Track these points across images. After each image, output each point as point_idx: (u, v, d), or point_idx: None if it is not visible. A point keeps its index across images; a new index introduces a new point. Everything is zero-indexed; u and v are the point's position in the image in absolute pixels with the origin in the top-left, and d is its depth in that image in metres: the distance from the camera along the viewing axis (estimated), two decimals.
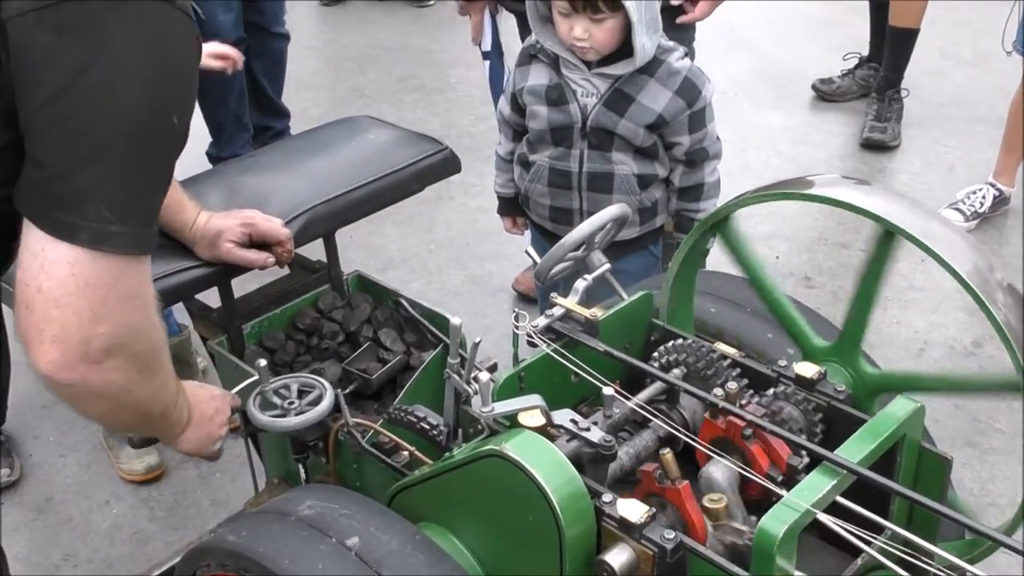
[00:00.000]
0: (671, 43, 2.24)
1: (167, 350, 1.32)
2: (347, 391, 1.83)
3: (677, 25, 2.78)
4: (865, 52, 4.58)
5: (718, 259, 2.01)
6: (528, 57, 2.31)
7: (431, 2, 5.68)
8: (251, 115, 3.70)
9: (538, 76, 2.28)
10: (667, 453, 1.40)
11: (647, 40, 2.13)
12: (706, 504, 1.40)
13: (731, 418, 1.46)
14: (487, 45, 3.06)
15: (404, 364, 1.94)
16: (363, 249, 3.51)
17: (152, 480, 2.64)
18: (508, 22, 3.05)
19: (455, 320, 1.51)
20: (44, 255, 1.12)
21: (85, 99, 1.07)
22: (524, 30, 2.64)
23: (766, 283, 1.70)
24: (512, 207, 2.52)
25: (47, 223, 1.11)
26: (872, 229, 1.52)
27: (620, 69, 2.19)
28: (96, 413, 1.31)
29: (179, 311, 2.58)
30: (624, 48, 2.17)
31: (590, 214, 2.28)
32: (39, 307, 1.13)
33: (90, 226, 1.10)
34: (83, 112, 1.08)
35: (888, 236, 1.51)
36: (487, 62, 3.09)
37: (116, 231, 1.12)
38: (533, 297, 3.16)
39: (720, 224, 1.67)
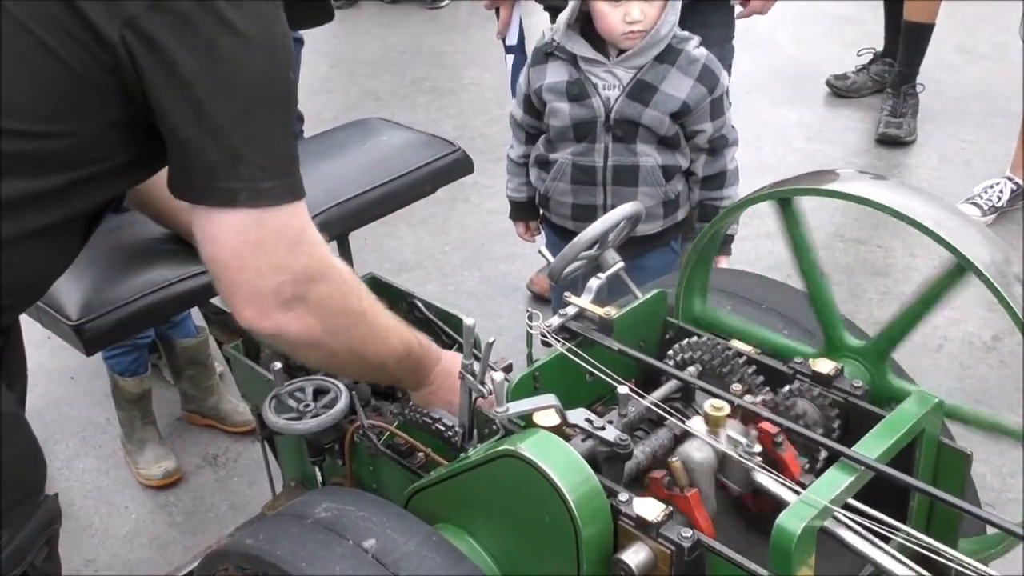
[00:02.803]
0: (686, 32, 2.27)
1: (367, 296, 1.43)
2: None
3: (720, 22, 2.80)
4: (880, 48, 4.56)
5: (734, 258, 2.00)
6: (544, 56, 2.31)
7: (444, 3, 5.69)
8: None
9: (556, 73, 2.28)
10: (676, 461, 1.39)
11: (673, 16, 2.20)
12: (708, 410, 1.42)
13: (763, 425, 1.44)
14: (512, 39, 3.06)
15: None
16: (378, 252, 3.52)
17: (170, 485, 2.65)
18: (531, 18, 3.05)
19: (469, 320, 1.51)
20: (212, 230, 1.26)
21: (218, 73, 1.19)
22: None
23: (813, 263, 1.69)
24: (525, 211, 2.52)
25: (208, 196, 1.23)
26: (945, 258, 1.48)
27: (642, 58, 2.21)
28: (316, 361, 1.47)
29: (195, 315, 2.59)
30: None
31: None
32: (224, 277, 1.29)
33: (247, 186, 1.22)
34: (219, 85, 1.19)
35: (959, 270, 1.48)
36: (510, 56, 3.08)
37: (269, 186, 1.24)
38: (548, 298, 3.15)
39: (785, 203, 1.65)
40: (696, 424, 1.45)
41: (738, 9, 2.85)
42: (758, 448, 1.41)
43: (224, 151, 1.21)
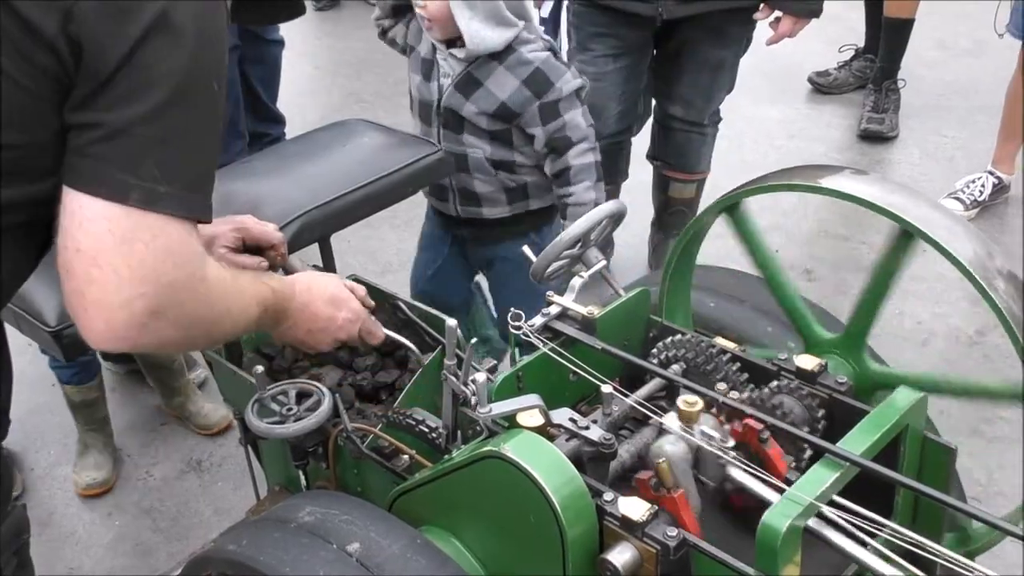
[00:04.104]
0: (532, 35, 2.25)
1: (234, 286, 1.33)
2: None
3: (736, 33, 2.89)
4: (861, 44, 4.57)
5: (716, 254, 2.00)
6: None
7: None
8: (247, 122, 3.69)
9: (425, 45, 2.31)
10: (662, 462, 1.38)
11: (484, 28, 2.16)
12: (681, 406, 1.41)
13: (748, 421, 1.44)
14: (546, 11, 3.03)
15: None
16: (362, 253, 3.50)
17: (95, 495, 2.63)
18: None
19: (451, 322, 1.50)
20: (82, 213, 1.14)
21: (143, 67, 1.13)
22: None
23: (775, 271, 1.69)
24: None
25: (97, 183, 1.14)
26: (890, 229, 1.51)
27: (461, 53, 2.23)
28: (165, 353, 1.37)
29: None
30: None
31: (458, 190, 2.37)
32: (78, 268, 1.14)
33: (141, 185, 1.14)
34: (141, 78, 1.13)
35: (906, 236, 1.49)
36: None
37: (164, 192, 1.15)
38: None
39: (731, 209, 1.66)
40: (670, 420, 1.44)
41: (768, 32, 2.92)
42: (732, 443, 1.41)
43: (131, 140, 1.14)
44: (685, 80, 2.98)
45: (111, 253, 1.13)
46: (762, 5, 2.84)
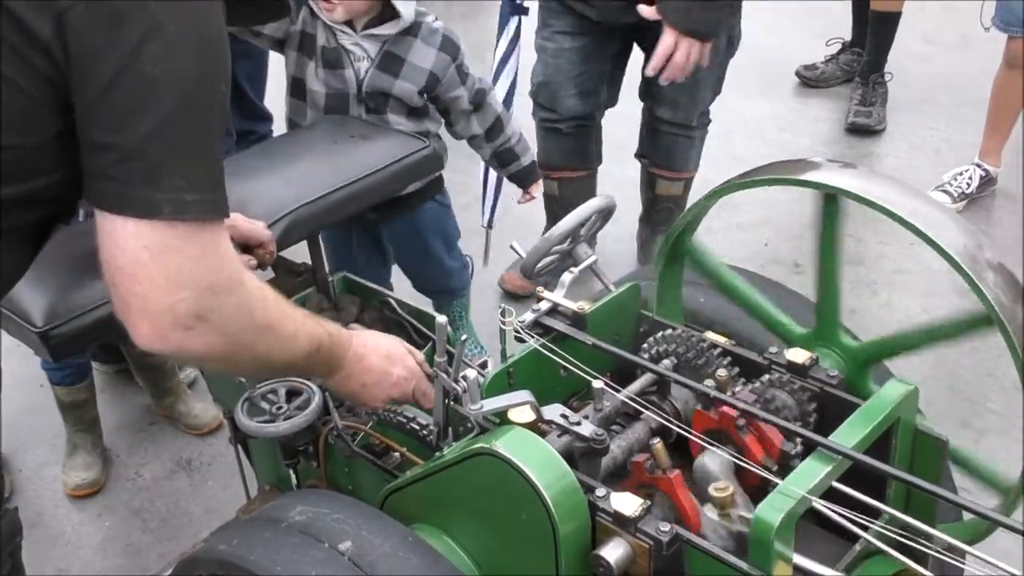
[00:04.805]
0: (423, 8, 2.31)
1: (273, 305, 1.34)
2: None
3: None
4: (848, 38, 4.58)
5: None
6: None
7: None
8: (233, 120, 3.67)
9: (323, 35, 2.28)
10: (657, 443, 1.38)
11: (404, 4, 2.23)
12: (712, 493, 1.38)
13: (724, 408, 1.44)
14: None
15: None
16: None
17: (84, 496, 2.62)
18: None
19: (441, 318, 1.50)
20: (117, 234, 1.17)
21: (144, 77, 1.13)
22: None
23: (734, 286, 1.71)
24: None
25: (126, 204, 1.15)
26: (814, 198, 1.52)
27: (389, 29, 2.24)
28: (219, 370, 1.43)
29: None
30: (385, 10, 2.25)
31: None
32: (121, 283, 1.19)
33: (167, 198, 1.15)
34: (144, 90, 1.13)
35: (830, 200, 1.51)
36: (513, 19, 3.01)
37: (192, 199, 1.17)
38: (520, 295, 3.14)
39: (679, 240, 1.69)
40: (707, 512, 1.40)
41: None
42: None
43: (147, 158, 1.15)
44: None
45: (149, 268, 1.17)
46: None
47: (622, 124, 3.35)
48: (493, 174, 2.92)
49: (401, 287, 2.80)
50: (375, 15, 2.27)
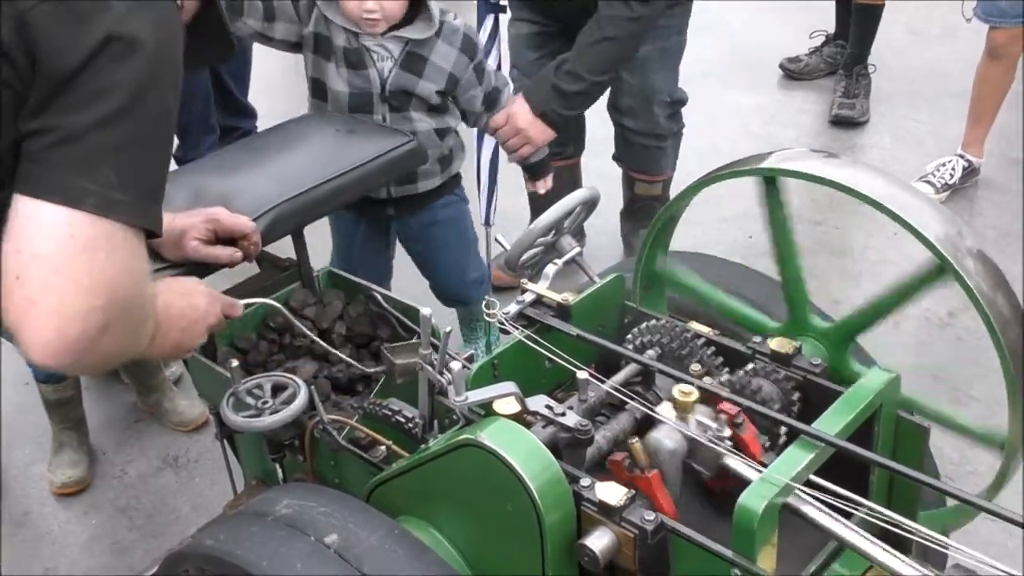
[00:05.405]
0: (441, 6, 2.30)
1: (153, 315, 1.30)
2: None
3: (676, 27, 2.84)
4: (832, 30, 4.59)
5: (693, 241, 2.01)
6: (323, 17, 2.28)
7: None
8: (217, 116, 3.66)
9: (341, 35, 2.26)
10: (635, 442, 1.39)
11: (434, 3, 2.22)
12: (675, 395, 1.41)
13: (723, 406, 1.44)
14: None
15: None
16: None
17: (71, 494, 2.61)
18: None
19: (425, 310, 1.50)
20: (39, 218, 1.11)
21: (100, 73, 1.12)
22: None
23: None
24: None
25: (52, 188, 1.11)
26: (924, 260, 1.49)
27: (417, 32, 2.23)
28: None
29: None
30: (411, 10, 2.23)
31: None
32: (35, 275, 1.10)
33: (98, 191, 1.12)
34: (98, 84, 1.12)
35: (767, 183, 1.52)
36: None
37: (121, 199, 1.14)
38: (503, 287, 3.14)
39: (769, 183, 1.64)
40: (664, 410, 1.44)
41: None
42: (728, 432, 1.41)
43: (89, 144, 1.12)
44: (618, 87, 2.94)
45: (73, 260, 1.10)
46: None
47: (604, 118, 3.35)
48: (487, 171, 2.92)
49: (401, 286, 2.79)
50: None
